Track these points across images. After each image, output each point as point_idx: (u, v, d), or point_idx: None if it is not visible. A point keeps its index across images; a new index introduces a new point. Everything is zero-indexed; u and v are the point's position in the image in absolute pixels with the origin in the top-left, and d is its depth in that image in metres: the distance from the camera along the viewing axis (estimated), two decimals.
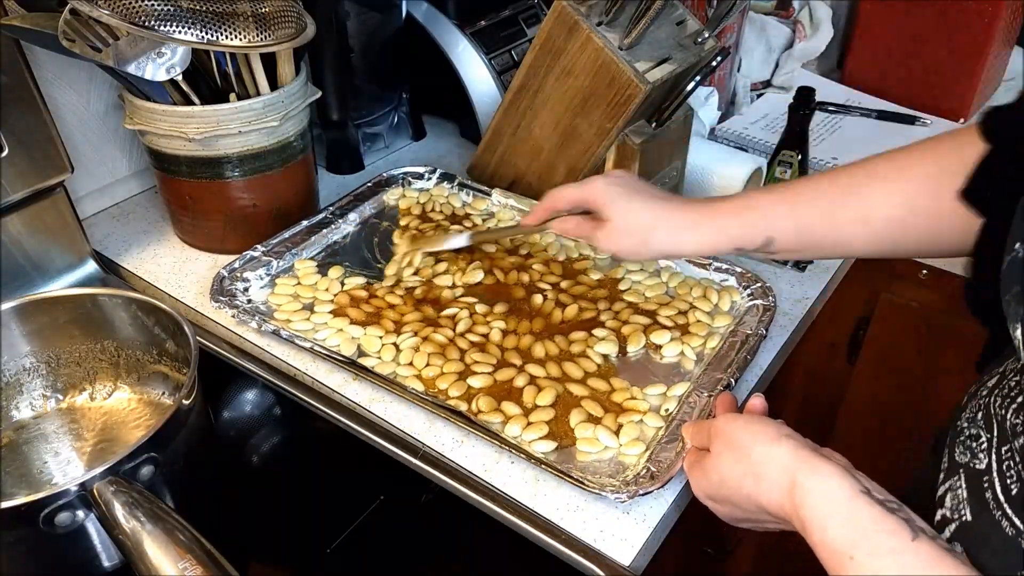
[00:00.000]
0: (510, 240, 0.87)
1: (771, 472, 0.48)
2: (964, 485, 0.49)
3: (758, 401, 0.57)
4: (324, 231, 0.88)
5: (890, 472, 0.70)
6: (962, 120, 1.22)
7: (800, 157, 0.99)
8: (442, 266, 0.83)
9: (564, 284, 0.81)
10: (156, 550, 0.48)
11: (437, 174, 0.97)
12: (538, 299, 0.79)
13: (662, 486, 0.59)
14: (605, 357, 0.73)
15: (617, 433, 0.64)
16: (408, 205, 0.93)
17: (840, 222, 0.61)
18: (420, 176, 0.97)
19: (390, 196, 0.95)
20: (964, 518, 0.48)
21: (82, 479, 0.51)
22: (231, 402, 0.75)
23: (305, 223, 0.87)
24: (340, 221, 0.90)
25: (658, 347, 0.74)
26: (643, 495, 0.58)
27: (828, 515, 0.44)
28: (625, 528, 0.59)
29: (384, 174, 0.97)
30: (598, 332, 0.75)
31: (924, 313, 1.08)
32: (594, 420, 0.66)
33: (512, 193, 0.92)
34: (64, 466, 0.66)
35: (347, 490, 0.66)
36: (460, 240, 0.83)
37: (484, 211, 0.92)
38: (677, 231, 0.65)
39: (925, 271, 1.02)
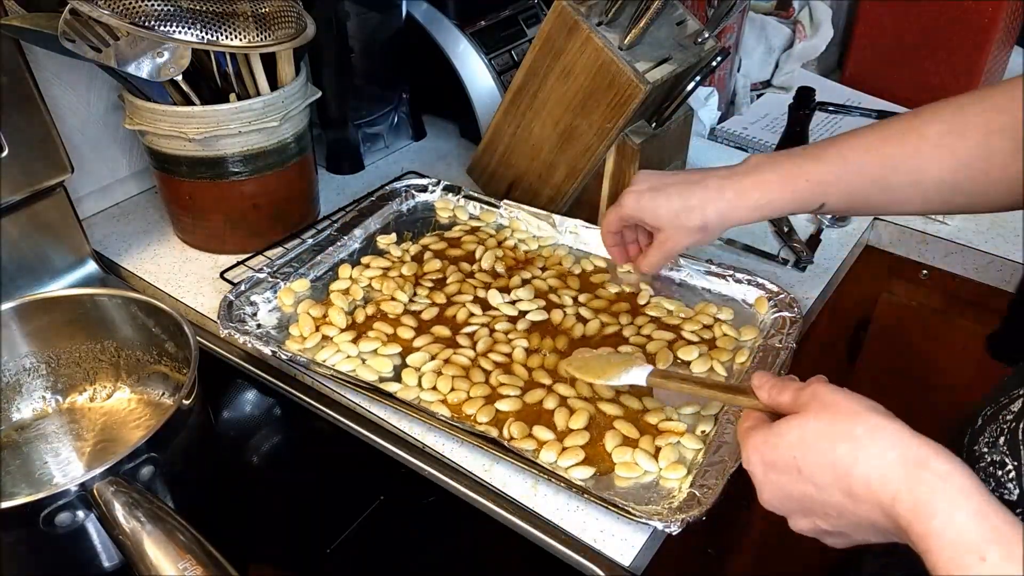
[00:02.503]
0: (523, 252, 0.85)
1: (880, 442, 0.41)
2: None
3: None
4: (330, 249, 0.85)
5: None
6: None
7: None
8: (453, 287, 0.80)
9: (582, 298, 0.79)
10: (156, 550, 0.48)
11: (441, 186, 0.95)
12: (558, 315, 0.77)
13: (710, 509, 0.56)
14: None
15: (656, 456, 0.62)
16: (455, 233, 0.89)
17: (891, 187, 0.61)
18: (423, 189, 0.95)
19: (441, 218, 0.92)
20: None
21: (82, 479, 0.51)
22: (231, 402, 0.75)
23: (311, 241, 0.85)
24: (346, 238, 0.87)
25: (686, 363, 0.71)
26: (691, 522, 0.55)
27: (957, 505, 0.38)
28: (625, 528, 0.59)
29: (387, 187, 0.94)
30: (625, 350, 0.72)
31: (924, 313, 1.08)
32: (631, 443, 0.63)
33: (521, 204, 0.89)
34: (64, 466, 0.66)
35: (347, 490, 0.66)
36: (638, 375, 0.63)
37: (495, 224, 0.90)
38: (724, 212, 0.65)
39: (925, 271, 1.02)
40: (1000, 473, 0.48)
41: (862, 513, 0.41)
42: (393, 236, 0.89)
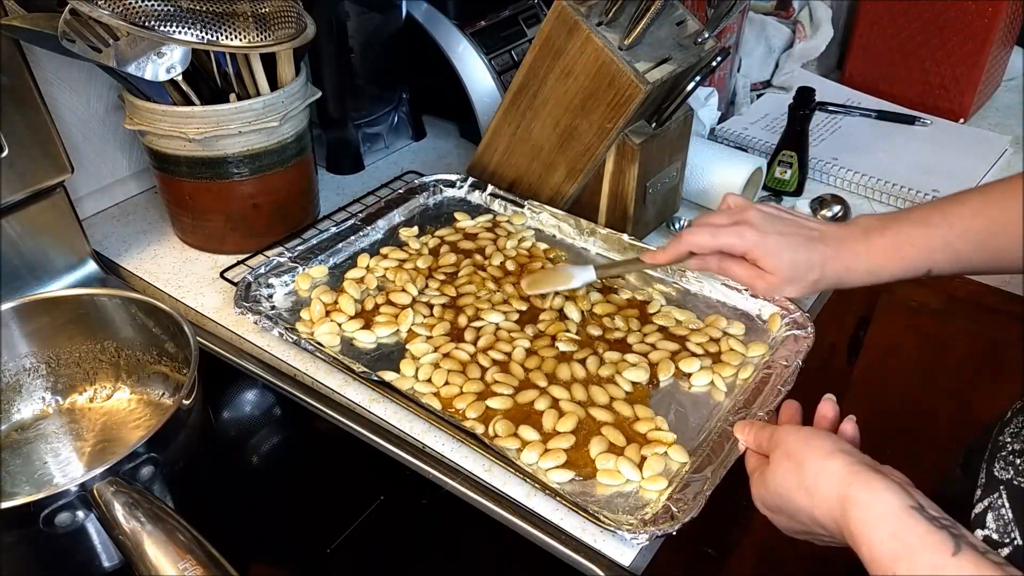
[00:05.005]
0: (541, 252, 0.85)
1: (823, 486, 0.48)
2: (1007, 504, 0.48)
3: (829, 408, 0.57)
4: (352, 237, 0.86)
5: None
6: (962, 120, 1.22)
7: (800, 157, 0.99)
8: (464, 280, 0.81)
9: (594, 299, 0.79)
10: (156, 550, 0.48)
11: (469, 183, 0.95)
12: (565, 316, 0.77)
13: (681, 527, 0.56)
14: (634, 384, 0.70)
15: (640, 466, 0.61)
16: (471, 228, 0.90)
17: (997, 249, 0.60)
18: (452, 184, 0.96)
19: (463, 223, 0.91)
20: (1016, 542, 0.47)
21: (82, 479, 0.51)
22: (231, 402, 0.75)
23: (333, 229, 0.86)
24: (369, 228, 0.88)
25: (687, 375, 0.71)
26: (660, 536, 0.56)
27: (874, 528, 0.44)
28: None
29: (416, 180, 0.95)
30: (630, 358, 0.72)
31: (924, 313, 1.08)
32: (616, 451, 0.63)
33: (546, 206, 0.90)
34: (64, 466, 0.66)
35: (347, 490, 0.66)
36: (587, 275, 0.75)
37: (522, 226, 0.90)
38: (839, 275, 0.64)
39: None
40: (1019, 462, 0.49)
41: (831, 532, 0.50)
42: (415, 229, 0.90)
